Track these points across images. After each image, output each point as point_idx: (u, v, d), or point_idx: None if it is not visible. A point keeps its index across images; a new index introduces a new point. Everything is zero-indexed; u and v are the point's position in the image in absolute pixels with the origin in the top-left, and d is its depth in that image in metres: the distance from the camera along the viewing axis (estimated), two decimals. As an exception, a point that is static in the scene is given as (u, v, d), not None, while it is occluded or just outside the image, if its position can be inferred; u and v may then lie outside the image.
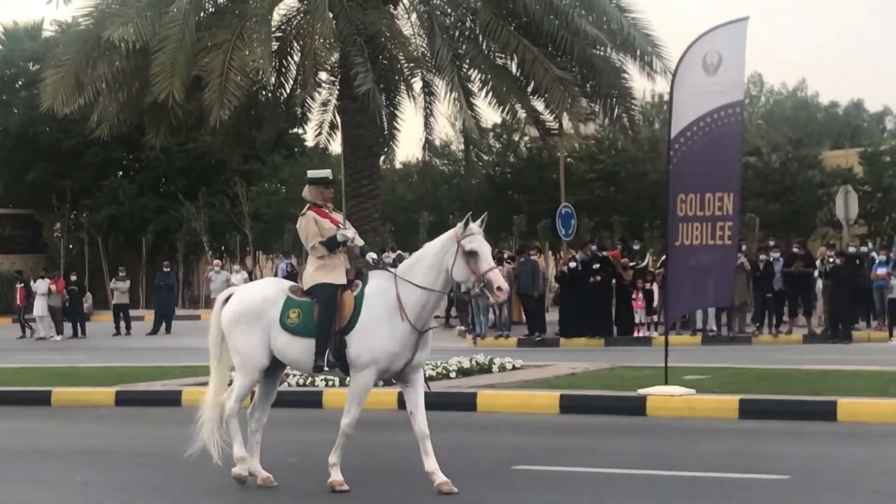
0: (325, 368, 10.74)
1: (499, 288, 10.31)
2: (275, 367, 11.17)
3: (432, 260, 10.52)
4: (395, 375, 10.76)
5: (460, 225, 10.47)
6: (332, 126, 21.16)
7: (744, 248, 29.77)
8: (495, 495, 10.38)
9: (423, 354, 10.71)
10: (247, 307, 10.93)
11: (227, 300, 11.24)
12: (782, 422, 14.20)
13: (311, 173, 11.60)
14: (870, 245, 35.06)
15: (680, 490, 10.40)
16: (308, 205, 11.23)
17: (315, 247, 10.90)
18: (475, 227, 10.46)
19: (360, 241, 11.13)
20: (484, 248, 10.41)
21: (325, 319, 10.59)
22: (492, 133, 47.61)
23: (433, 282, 10.49)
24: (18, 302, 37.48)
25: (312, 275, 10.88)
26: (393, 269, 10.77)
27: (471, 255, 10.33)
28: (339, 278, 10.80)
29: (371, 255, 11.09)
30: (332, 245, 10.88)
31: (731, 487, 10.38)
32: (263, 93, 19.56)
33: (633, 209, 45.53)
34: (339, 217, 11.27)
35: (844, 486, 10.35)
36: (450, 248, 10.45)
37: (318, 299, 10.73)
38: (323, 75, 19.09)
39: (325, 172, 11.52)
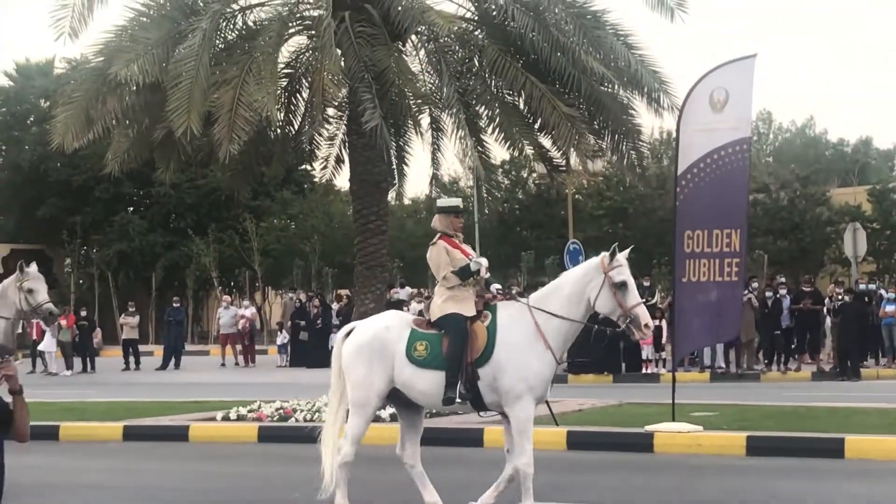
0: (458, 401, 10.46)
1: (646, 325, 10.17)
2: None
3: (573, 289, 10.34)
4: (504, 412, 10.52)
5: (606, 255, 10.26)
6: (339, 160, 21.26)
7: (755, 284, 29.76)
8: (501, 531, 10.36)
9: (549, 390, 10.61)
10: (369, 340, 10.67)
11: (347, 335, 10.98)
12: (790, 459, 14.16)
13: (441, 202, 11.45)
14: (878, 283, 34.99)
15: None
16: (438, 234, 10.98)
17: (447, 277, 10.67)
18: (622, 258, 10.24)
19: (486, 273, 10.89)
20: (632, 281, 10.19)
21: (456, 351, 10.35)
22: (500, 169, 47.70)
23: (573, 311, 10.30)
24: (35, 336, 37.55)
25: (441, 306, 10.63)
26: (524, 299, 10.58)
27: (618, 288, 10.14)
28: (469, 309, 10.57)
29: (496, 286, 10.84)
30: (465, 274, 10.66)
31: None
32: (272, 129, 19.65)
33: (641, 246, 45.41)
34: (468, 248, 11.05)
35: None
36: (594, 279, 10.26)
37: (447, 331, 10.47)
38: (330, 110, 19.25)
39: (456, 201, 11.40)
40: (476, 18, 19.74)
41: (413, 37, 19.52)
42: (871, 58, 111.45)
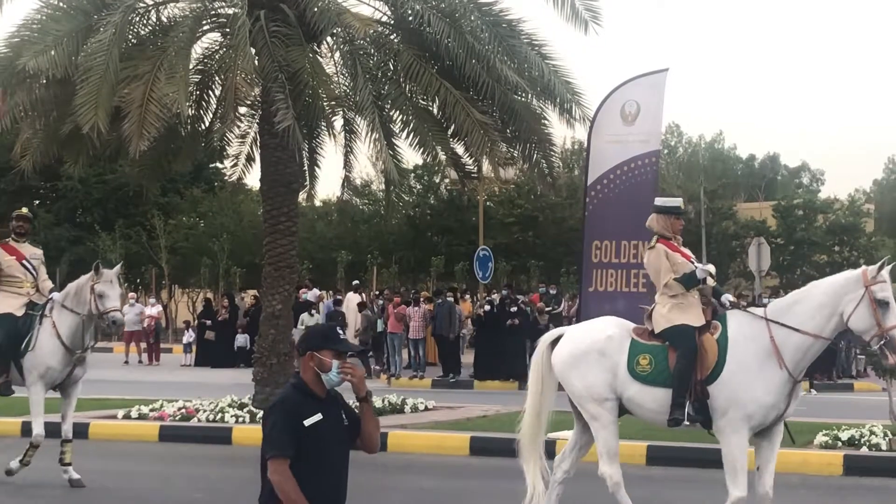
0: (686, 423, 9.60)
1: None
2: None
3: (823, 300, 9.35)
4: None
5: (872, 268, 9.28)
6: (250, 159, 21.14)
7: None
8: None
9: (795, 405, 9.64)
10: (587, 347, 9.89)
11: (554, 341, 10.23)
12: (687, 468, 14.32)
13: (660, 201, 10.62)
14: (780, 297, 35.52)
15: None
16: (656, 237, 10.19)
17: (669, 284, 9.84)
18: (887, 273, 9.25)
19: (712, 282, 10.06)
20: (893, 301, 9.15)
21: (684, 367, 9.47)
22: (412, 174, 47.75)
23: (821, 326, 9.31)
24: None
25: (666, 315, 9.77)
26: (759, 311, 9.70)
27: (879, 305, 9.13)
28: (697, 319, 9.72)
29: (727, 298, 9.98)
30: (690, 283, 9.85)
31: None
32: (183, 125, 19.46)
33: (550, 254, 45.84)
34: (688, 252, 10.20)
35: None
36: (852, 292, 9.24)
37: (673, 343, 9.62)
38: (243, 109, 19.10)
39: (677, 201, 10.56)
40: (392, 22, 19.73)
41: (329, 38, 19.46)
42: (781, 75, 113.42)
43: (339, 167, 21.24)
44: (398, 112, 19.27)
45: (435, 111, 19.28)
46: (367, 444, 6.45)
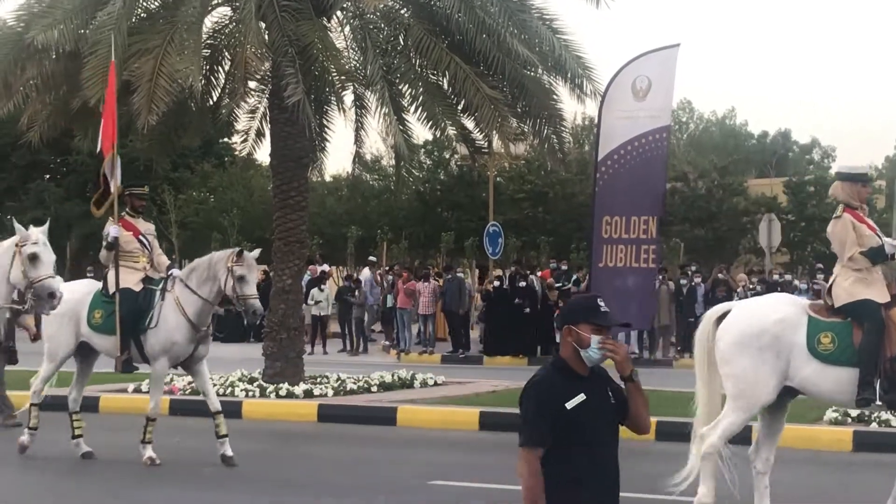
0: (878, 402, 9.24)
1: None
2: (783, 396, 9.62)
3: None
4: None
5: None
6: (259, 134, 21.12)
7: (667, 272, 30.03)
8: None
9: None
10: (758, 329, 9.38)
11: (720, 317, 9.75)
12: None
13: (844, 168, 10.14)
14: (793, 274, 35.51)
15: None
16: (842, 205, 9.70)
17: (854, 257, 9.39)
18: None
19: None
20: None
21: (871, 344, 9.07)
22: (422, 149, 47.64)
23: None
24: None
25: (849, 289, 9.34)
26: None
27: None
28: (882, 295, 9.32)
29: None
30: (877, 257, 9.44)
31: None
32: (193, 100, 19.45)
33: (560, 230, 45.76)
34: (872, 223, 9.72)
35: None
36: None
37: (857, 319, 9.22)
38: (252, 83, 19.07)
39: (864, 168, 10.10)
40: (402, -3, 19.68)
41: (339, 13, 19.43)
42: (793, 51, 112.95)
43: (350, 142, 21.24)
44: (408, 87, 19.23)
45: (445, 86, 19.24)
46: (635, 424, 5.83)
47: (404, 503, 10.66)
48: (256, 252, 13.20)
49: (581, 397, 5.56)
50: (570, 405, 5.53)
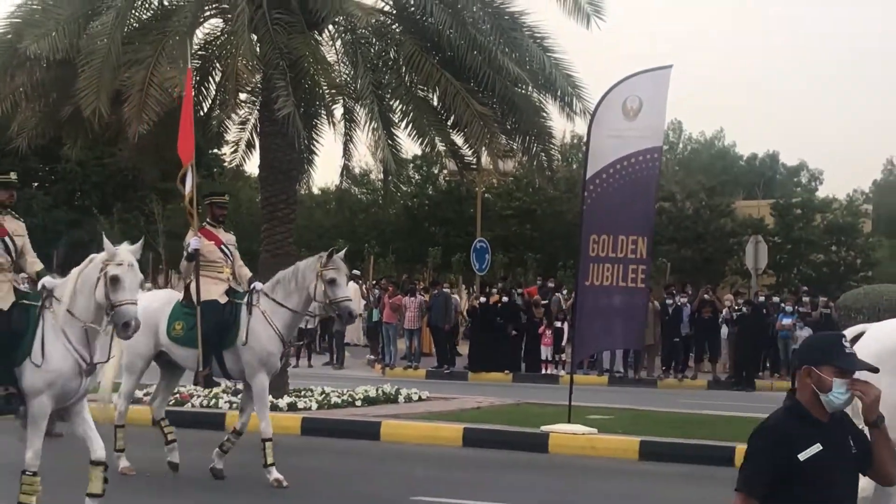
0: None
1: None
2: None
3: None
4: None
5: None
6: (249, 145, 21.14)
7: (651, 291, 30.06)
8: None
9: None
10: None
11: (854, 339, 8.84)
12: (681, 465, 14.35)
13: None
14: (779, 295, 35.57)
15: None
16: None
17: None
18: None
19: None
20: None
21: None
22: (411, 164, 47.74)
23: None
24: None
25: None
26: None
27: None
28: None
29: None
30: None
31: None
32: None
33: (547, 247, 45.85)
34: None
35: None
36: None
37: None
38: (243, 95, 19.10)
39: None
40: (394, 12, 19.73)
41: (330, 27, 19.46)
42: (782, 73, 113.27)
43: (338, 156, 21.23)
44: (398, 102, 19.27)
45: (435, 102, 19.28)
46: (880, 475, 5.29)
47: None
48: (342, 252, 12.73)
49: (817, 447, 5.03)
50: (803, 456, 5.02)
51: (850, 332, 9.10)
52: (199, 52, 19.49)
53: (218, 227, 13.41)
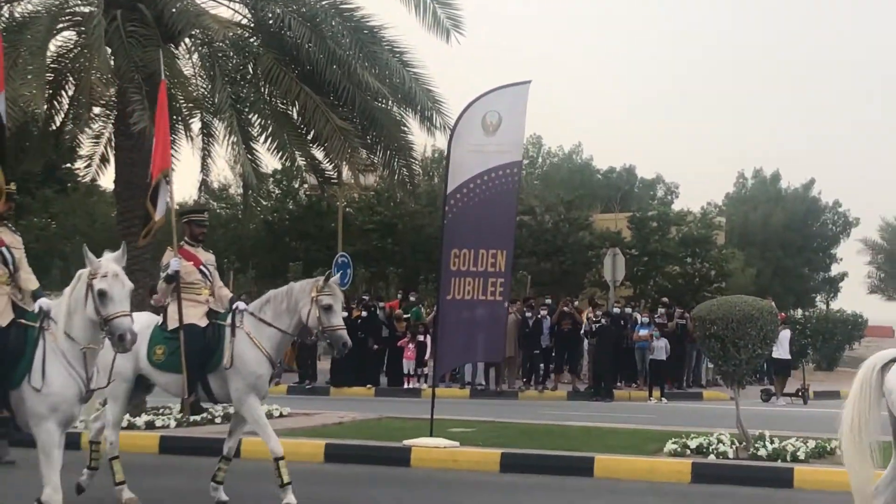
0: None
1: None
2: None
3: None
4: None
5: None
6: (104, 159, 20.79)
7: (516, 304, 30.35)
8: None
9: None
10: None
11: (889, 363, 8.95)
12: (542, 476, 14.46)
13: None
14: (634, 307, 36.14)
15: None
16: None
17: None
18: None
19: None
20: None
21: None
22: (271, 178, 47.38)
23: None
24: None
25: None
26: None
27: None
28: None
29: None
30: None
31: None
32: (35, 124, 19.04)
33: (409, 261, 45.89)
34: None
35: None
36: None
37: None
38: (97, 109, 18.81)
39: None
40: (252, 25, 19.59)
41: (187, 40, 19.25)
42: (640, 90, 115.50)
43: (196, 170, 20.98)
44: (257, 116, 19.16)
45: (294, 116, 19.21)
46: None
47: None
48: (338, 276, 12.33)
49: None
50: None
51: (883, 357, 9.07)
52: (52, 66, 19.10)
53: (197, 247, 12.79)
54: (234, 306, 12.11)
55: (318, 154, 20.02)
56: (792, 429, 18.45)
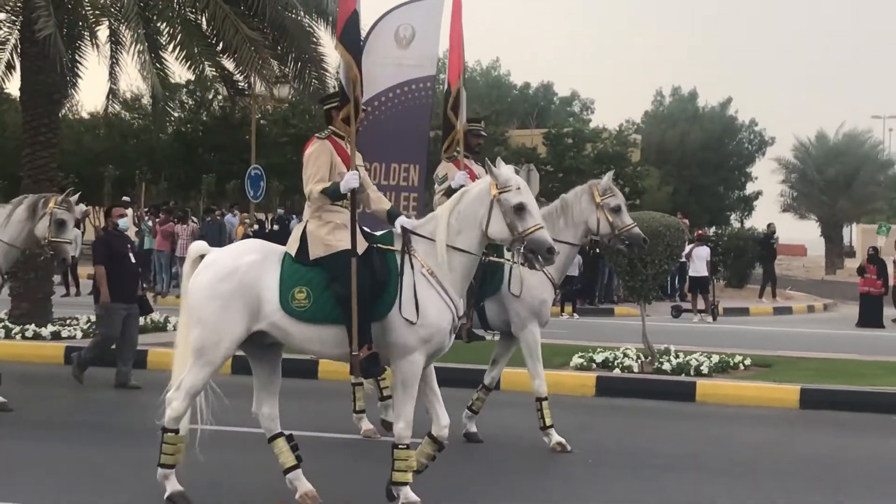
0: None
1: None
2: None
3: None
4: None
5: None
6: (10, 67, 20.36)
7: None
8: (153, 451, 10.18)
9: None
10: None
11: None
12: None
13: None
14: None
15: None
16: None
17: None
18: None
19: None
20: None
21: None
22: (184, 89, 46.77)
23: None
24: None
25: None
26: None
27: None
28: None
29: None
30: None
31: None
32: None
33: (324, 174, 45.68)
34: None
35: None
36: None
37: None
38: (2, 15, 18.37)
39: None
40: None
41: (93, -55, 18.83)
42: (559, 5, 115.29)
43: (105, 79, 20.62)
44: (165, 24, 18.86)
45: (204, 25, 18.94)
46: None
47: (140, 444, 10.52)
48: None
49: None
50: None
51: None
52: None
53: (471, 159, 12.09)
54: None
55: (230, 65, 19.76)
56: (698, 344, 18.78)
